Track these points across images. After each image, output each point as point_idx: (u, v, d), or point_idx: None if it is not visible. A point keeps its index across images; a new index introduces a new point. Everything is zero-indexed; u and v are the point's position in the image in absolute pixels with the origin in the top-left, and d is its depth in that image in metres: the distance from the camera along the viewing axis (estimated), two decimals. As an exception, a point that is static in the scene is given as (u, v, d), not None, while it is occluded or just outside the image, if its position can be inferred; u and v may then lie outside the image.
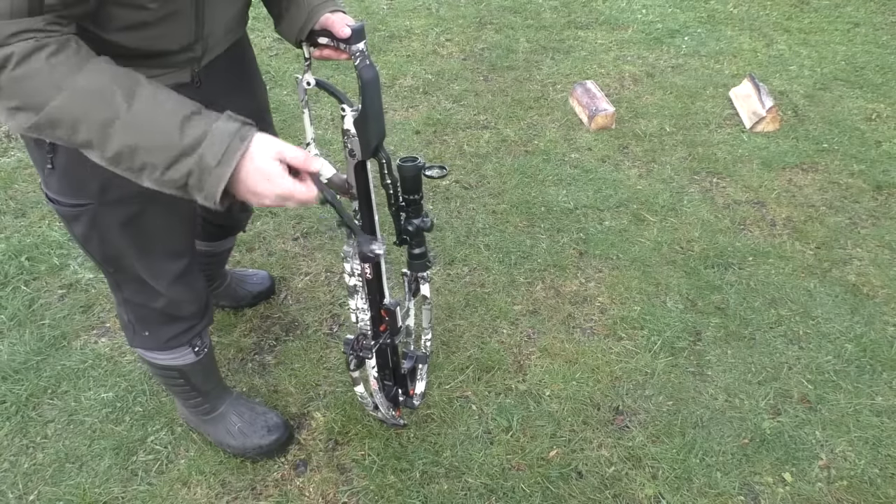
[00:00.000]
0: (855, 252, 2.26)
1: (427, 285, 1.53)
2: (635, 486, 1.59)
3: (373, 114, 1.19)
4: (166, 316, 1.35)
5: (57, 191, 1.13)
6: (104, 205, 1.13)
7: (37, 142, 1.08)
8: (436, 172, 1.30)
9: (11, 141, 2.85)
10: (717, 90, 3.16)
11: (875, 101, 3.05)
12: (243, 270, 2.12)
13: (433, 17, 3.87)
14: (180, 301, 1.34)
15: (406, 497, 1.57)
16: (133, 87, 0.88)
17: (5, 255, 2.22)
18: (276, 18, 1.26)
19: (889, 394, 1.80)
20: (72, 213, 1.15)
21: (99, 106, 0.86)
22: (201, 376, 1.54)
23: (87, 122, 0.86)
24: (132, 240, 1.20)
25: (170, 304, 1.33)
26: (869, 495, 1.57)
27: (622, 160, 2.71)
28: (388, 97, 3.14)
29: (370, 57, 1.17)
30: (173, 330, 1.39)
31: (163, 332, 1.38)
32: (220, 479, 1.61)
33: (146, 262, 1.25)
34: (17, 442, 1.70)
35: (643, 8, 3.94)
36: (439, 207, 2.46)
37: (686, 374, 1.86)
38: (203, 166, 0.87)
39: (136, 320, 1.36)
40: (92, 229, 1.17)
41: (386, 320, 1.44)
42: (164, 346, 1.40)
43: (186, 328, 1.40)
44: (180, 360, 1.46)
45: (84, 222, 1.16)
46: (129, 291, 1.31)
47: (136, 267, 1.25)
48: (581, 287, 2.13)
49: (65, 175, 1.10)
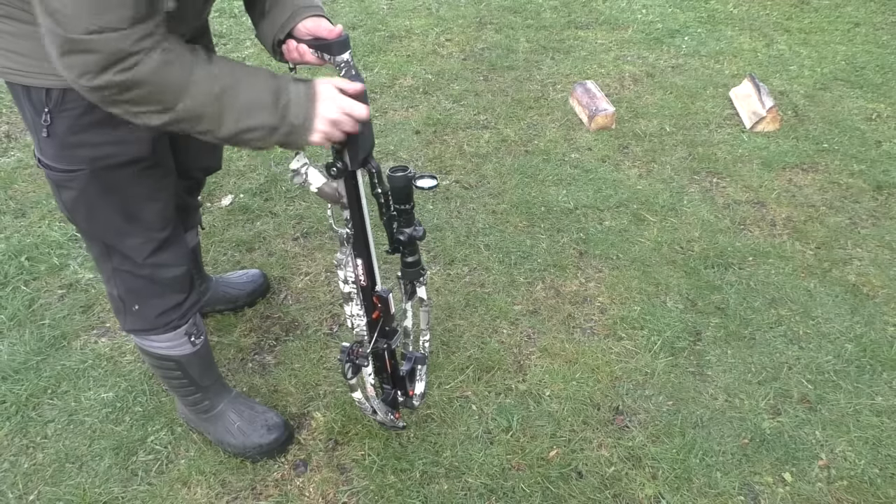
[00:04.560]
0: (855, 252, 2.26)
1: (423, 288, 1.53)
2: (635, 486, 1.59)
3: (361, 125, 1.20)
4: (153, 284, 1.36)
5: (51, 157, 1.16)
6: (95, 171, 1.17)
7: (34, 107, 1.12)
8: (426, 183, 1.29)
9: (11, 141, 2.85)
10: (717, 90, 3.16)
11: (875, 101, 3.05)
12: (230, 273, 2.12)
13: (433, 17, 3.87)
14: (165, 265, 1.35)
15: (406, 497, 1.57)
16: (231, 77, 1.02)
17: (5, 255, 2.22)
18: (258, 20, 1.27)
19: (889, 394, 1.80)
20: (63, 179, 1.18)
21: (212, 102, 1.00)
22: (199, 369, 1.54)
23: (207, 116, 1.01)
24: (119, 206, 1.24)
25: (154, 270, 1.34)
26: (869, 495, 1.57)
27: (622, 160, 2.71)
28: (388, 97, 3.14)
29: (356, 67, 1.17)
30: (162, 304, 1.39)
31: (152, 306, 1.38)
32: (220, 479, 1.61)
33: (131, 228, 1.27)
34: (17, 442, 1.70)
35: (643, 8, 3.94)
36: (439, 207, 2.46)
37: (686, 374, 1.86)
38: (292, 129, 1.07)
39: (126, 293, 1.37)
40: (81, 195, 1.20)
41: (378, 307, 1.43)
42: (154, 322, 1.40)
43: (175, 304, 1.40)
44: (177, 350, 1.46)
45: (74, 188, 1.19)
46: (117, 259, 1.32)
47: (121, 234, 1.28)
48: (581, 287, 2.13)
49: (59, 142, 1.14)
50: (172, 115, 1.00)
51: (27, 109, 1.14)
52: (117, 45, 0.91)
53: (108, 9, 0.89)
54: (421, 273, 1.42)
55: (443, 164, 2.69)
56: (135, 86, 0.95)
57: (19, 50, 1.07)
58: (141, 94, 0.96)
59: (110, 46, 0.91)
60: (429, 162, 2.70)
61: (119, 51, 0.91)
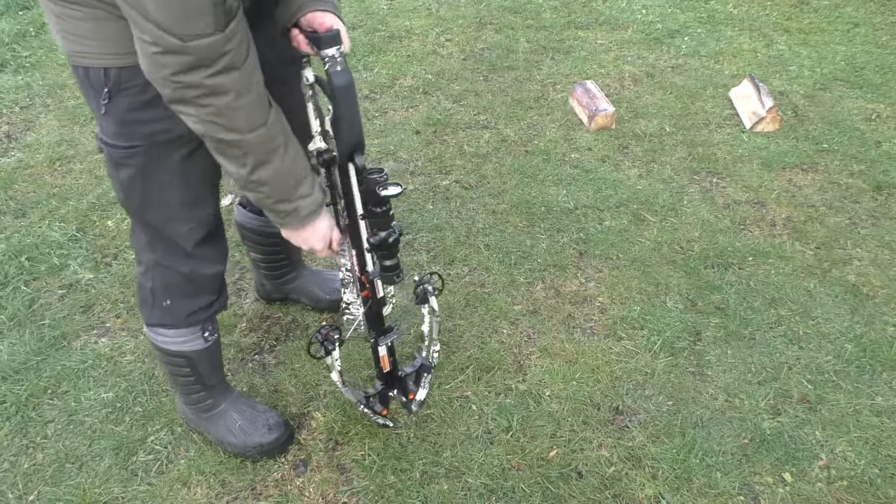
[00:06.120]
0: (855, 252, 2.26)
1: (434, 298, 1.55)
2: (635, 486, 1.59)
3: (344, 120, 1.22)
4: (190, 283, 1.41)
5: (111, 135, 1.22)
6: (152, 147, 1.22)
7: (94, 88, 1.18)
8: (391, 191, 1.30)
9: (11, 141, 2.85)
10: (717, 90, 3.16)
11: (875, 101, 3.05)
12: (325, 270, 2.09)
13: (433, 17, 3.87)
14: (207, 259, 1.40)
15: (406, 497, 1.57)
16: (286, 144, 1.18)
17: (5, 255, 2.22)
18: (274, 5, 1.32)
19: (889, 394, 1.80)
20: (122, 156, 1.24)
21: (268, 148, 1.15)
22: (208, 366, 1.57)
23: (255, 154, 1.14)
24: (174, 185, 1.29)
25: (196, 265, 1.39)
26: (869, 495, 1.57)
27: (622, 160, 2.71)
28: (388, 97, 3.14)
29: (344, 63, 1.20)
30: (194, 304, 1.45)
31: (183, 305, 1.44)
32: (220, 479, 1.61)
33: (182, 212, 1.33)
34: (17, 442, 1.70)
35: (643, 8, 3.94)
36: (439, 207, 2.46)
37: (686, 374, 1.86)
38: (296, 213, 1.27)
39: (162, 287, 1.41)
40: (138, 172, 1.25)
41: (367, 287, 1.48)
42: (183, 321, 1.45)
43: (206, 305, 1.46)
44: (189, 345, 1.49)
45: (132, 165, 1.24)
46: (161, 252, 1.37)
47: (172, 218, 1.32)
48: (581, 287, 2.13)
49: (118, 119, 1.19)
50: (238, 137, 1.10)
51: (88, 90, 1.19)
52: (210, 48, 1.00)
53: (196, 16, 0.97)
54: (395, 280, 1.42)
55: (443, 164, 2.69)
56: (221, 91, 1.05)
57: (81, 33, 1.12)
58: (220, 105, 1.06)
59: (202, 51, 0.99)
60: (429, 162, 2.70)
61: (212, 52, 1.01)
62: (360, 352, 1.91)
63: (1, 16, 3.81)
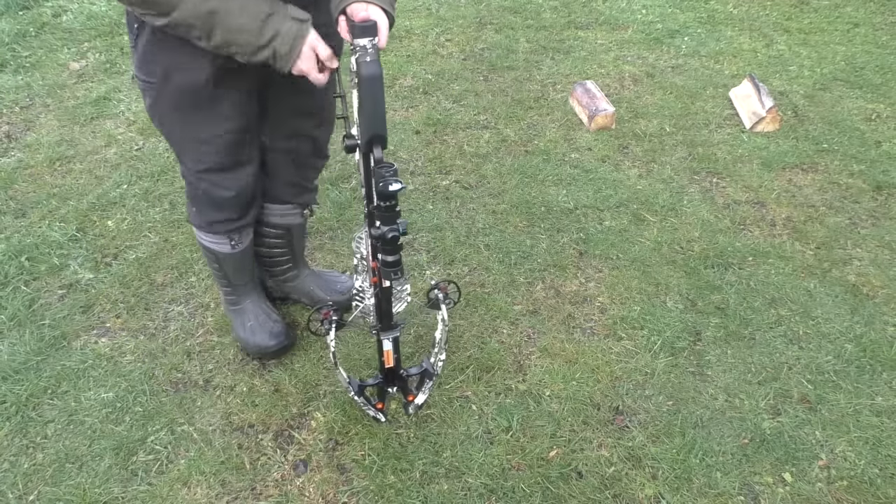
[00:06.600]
0: (855, 252, 2.26)
1: (444, 307, 1.58)
2: (635, 486, 1.59)
3: (367, 109, 1.22)
4: (208, 198, 1.61)
5: (136, 66, 1.43)
6: (163, 86, 1.42)
7: (129, 24, 1.38)
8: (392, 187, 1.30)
9: (11, 141, 2.85)
10: (717, 90, 3.16)
11: (875, 102, 3.05)
12: (327, 271, 2.10)
13: (433, 17, 3.87)
14: (218, 185, 1.58)
15: (406, 497, 1.57)
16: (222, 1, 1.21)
17: (5, 255, 2.22)
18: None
19: (889, 394, 1.80)
20: (144, 87, 1.45)
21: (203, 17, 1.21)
22: (233, 268, 1.79)
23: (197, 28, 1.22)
24: (181, 123, 1.48)
25: (209, 188, 1.59)
26: (869, 495, 1.57)
27: (622, 160, 2.72)
28: (388, 97, 3.14)
29: (375, 55, 1.20)
30: (214, 216, 1.65)
31: (205, 214, 1.65)
32: (220, 479, 1.61)
33: (188, 146, 1.53)
34: (17, 442, 1.70)
35: (643, 8, 3.94)
36: (439, 207, 2.46)
37: (686, 374, 1.86)
38: (277, 55, 1.27)
39: (190, 195, 1.65)
40: (154, 104, 1.47)
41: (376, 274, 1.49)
42: (206, 227, 1.67)
43: (225, 219, 1.66)
44: (218, 246, 1.72)
45: (150, 97, 1.46)
46: (183, 168, 1.61)
47: (179, 147, 1.56)
48: (581, 287, 2.13)
49: (140, 55, 1.40)
50: (169, 20, 1.21)
51: (127, 26, 1.41)
52: None
53: None
54: (394, 277, 1.40)
55: (443, 164, 2.69)
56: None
57: None
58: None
59: None
60: (429, 162, 2.70)
61: None
62: (360, 352, 1.91)
63: (1, 16, 3.81)
